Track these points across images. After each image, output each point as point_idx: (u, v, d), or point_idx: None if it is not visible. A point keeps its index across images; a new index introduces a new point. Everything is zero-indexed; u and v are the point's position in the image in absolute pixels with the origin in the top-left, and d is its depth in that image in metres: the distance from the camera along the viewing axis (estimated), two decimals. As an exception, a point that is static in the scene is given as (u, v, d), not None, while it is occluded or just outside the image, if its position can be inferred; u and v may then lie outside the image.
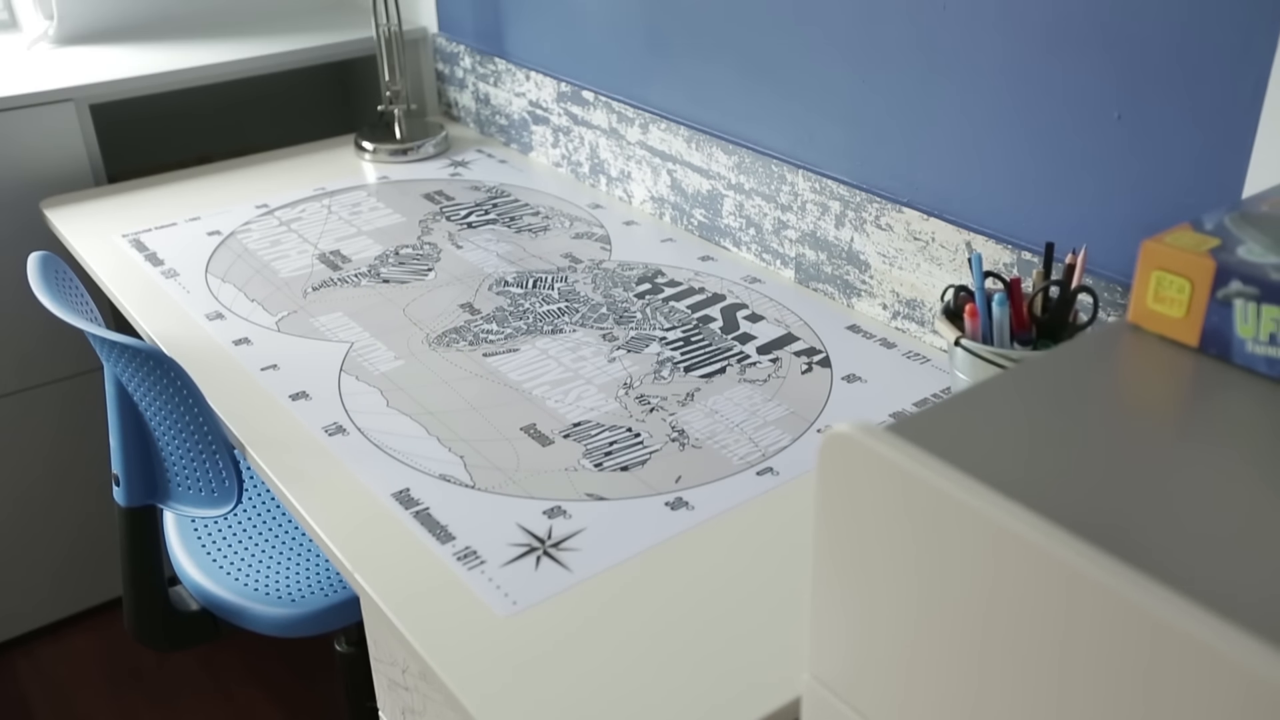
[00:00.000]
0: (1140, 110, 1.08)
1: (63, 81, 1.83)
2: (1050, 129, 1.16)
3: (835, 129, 1.40)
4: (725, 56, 1.52)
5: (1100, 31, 1.09)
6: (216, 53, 2.02)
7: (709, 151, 1.58)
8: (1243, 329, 0.67)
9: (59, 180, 1.84)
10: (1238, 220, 0.74)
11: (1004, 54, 1.18)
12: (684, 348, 1.35)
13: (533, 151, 1.96)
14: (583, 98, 1.79)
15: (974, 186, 1.26)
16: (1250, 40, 0.97)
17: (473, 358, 1.34)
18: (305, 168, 1.94)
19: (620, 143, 1.75)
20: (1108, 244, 1.14)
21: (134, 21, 2.16)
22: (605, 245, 1.63)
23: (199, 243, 1.65)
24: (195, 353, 1.35)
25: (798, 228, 1.48)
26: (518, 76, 1.93)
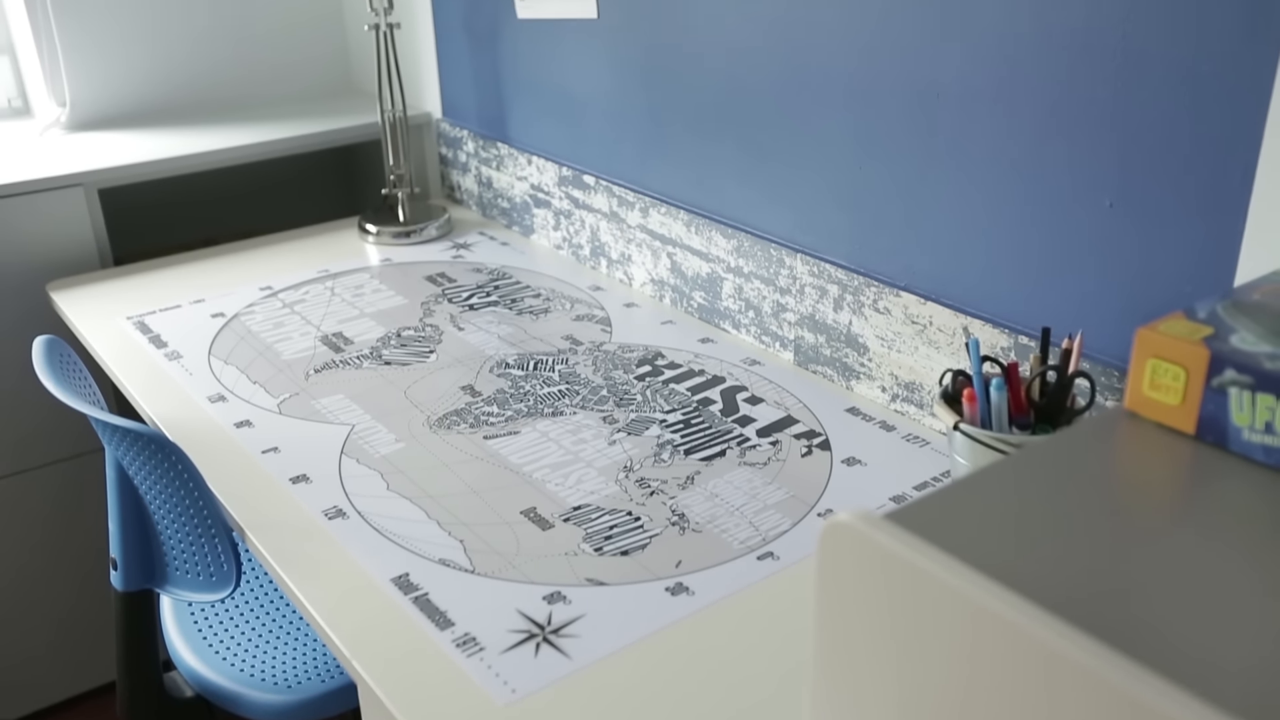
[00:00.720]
0: (1133, 198, 1.09)
1: (73, 167, 1.86)
2: (1045, 215, 1.18)
3: (833, 214, 1.42)
4: (724, 142, 1.55)
5: (1091, 122, 1.11)
6: (224, 138, 2.05)
7: (708, 235, 1.60)
8: (1238, 417, 0.68)
9: (66, 263, 1.86)
10: (1230, 308, 0.75)
11: (998, 142, 1.20)
12: (684, 430, 1.35)
13: (534, 234, 1.99)
14: (584, 182, 1.82)
15: (971, 271, 1.27)
16: (1236, 132, 1.00)
17: (473, 440, 1.34)
18: (309, 250, 1.96)
19: (621, 226, 1.77)
20: (1104, 328, 1.15)
21: (145, 107, 2.20)
22: (606, 327, 1.64)
23: (203, 325, 1.66)
24: (197, 435, 1.36)
25: (796, 310, 1.49)
26: (520, 161, 1.96)
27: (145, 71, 2.19)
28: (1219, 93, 1.00)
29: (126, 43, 2.16)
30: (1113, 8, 1.06)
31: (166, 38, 2.20)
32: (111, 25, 2.13)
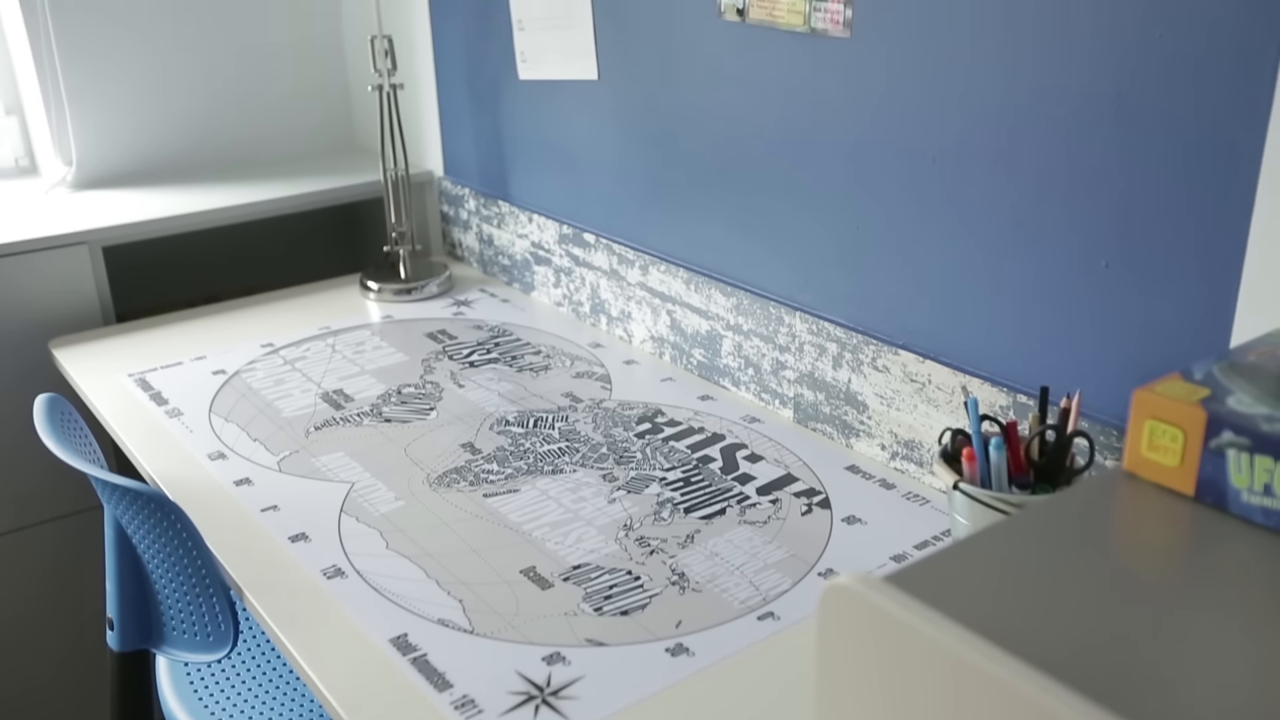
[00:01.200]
0: (1129, 260, 1.11)
1: (77, 225, 1.88)
2: (1042, 275, 1.19)
3: (832, 273, 1.43)
4: (724, 201, 1.57)
5: (1086, 185, 1.12)
6: (228, 195, 2.07)
7: (708, 293, 1.61)
8: (1237, 479, 0.68)
9: (69, 320, 1.87)
10: (1226, 370, 0.76)
11: (996, 204, 1.22)
12: (684, 488, 1.35)
13: (535, 291, 2.00)
14: (584, 240, 1.84)
15: (968, 330, 1.28)
16: (1228, 197, 1.01)
17: (473, 498, 1.34)
18: (311, 307, 1.97)
19: (621, 284, 1.78)
20: (1102, 387, 1.16)
21: (150, 165, 2.23)
22: (606, 384, 1.65)
23: (204, 382, 1.67)
24: (196, 493, 1.36)
25: (796, 368, 1.50)
26: (520, 219, 1.98)
27: (151, 130, 2.22)
28: (1211, 159, 1.02)
29: (133, 101, 2.18)
30: (1107, 77, 1.08)
31: (173, 96, 2.23)
32: (119, 84, 2.16)
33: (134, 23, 2.15)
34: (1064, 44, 1.11)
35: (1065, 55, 1.11)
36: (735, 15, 1.46)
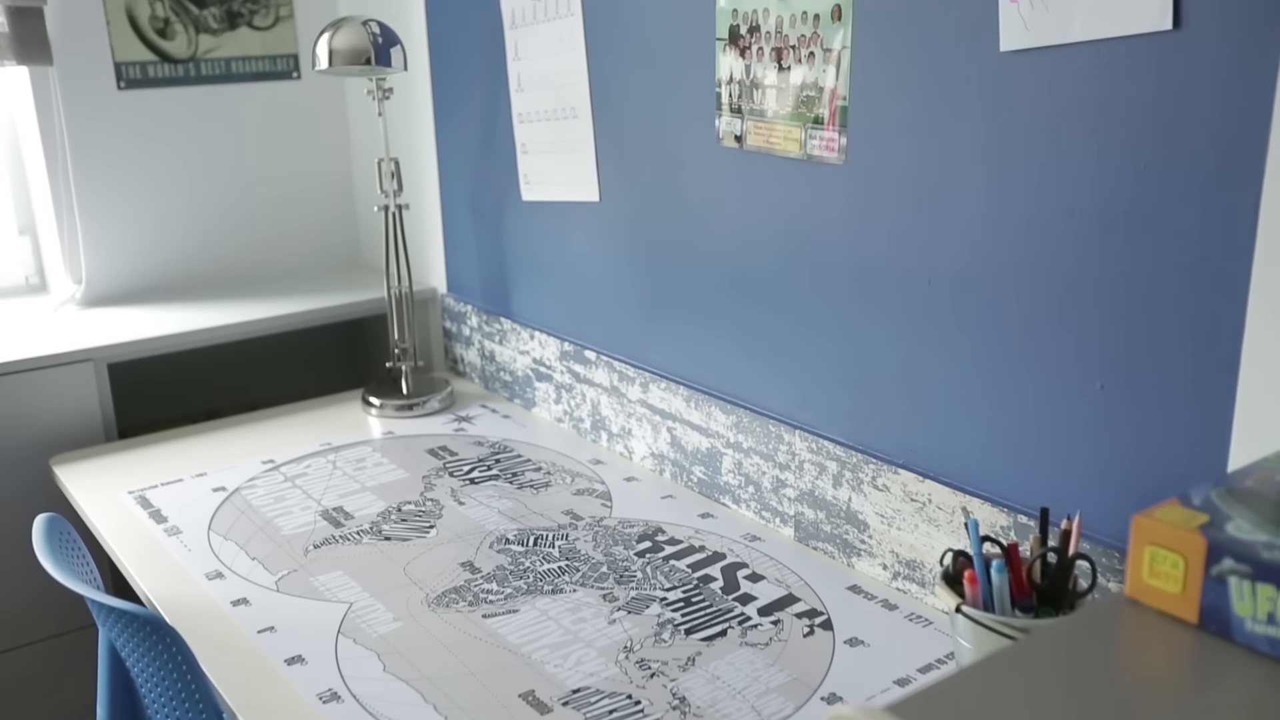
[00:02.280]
0: (1123, 381, 1.12)
1: (84, 343, 1.90)
2: (1038, 396, 1.20)
3: (830, 391, 1.45)
4: (723, 320, 1.59)
5: (1079, 308, 1.14)
6: (234, 312, 2.10)
7: (708, 411, 1.62)
8: (1240, 607, 0.68)
9: (71, 436, 1.87)
10: (1224, 495, 0.76)
11: (988, 325, 1.24)
12: (685, 609, 1.34)
13: (536, 407, 2.01)
14: (585, 357, 1.86)
15: (967, 449, 1.29)
16: (1219, 321, 1.03)
17: (472, 619, 1.33)
18: (312, 423, 1.98)
19: (621, 400, 1.79)
20: (1102, 507, 1.16)
21: (159, 282, 2.26)
22: (606, 502, 1.65)
23: (204, 499, 1.66)
24: (192, 614, 1.34)
25: (796, 486, 1.50)
26: (522, 335, 2.01)
27: (161, 247, 2.26)
28: (1199, 285, 1.04)
29: (144, 220, 2.23)
30: (1095, 205, 1.11)
31: (183, 215, 2.27)
32: (130, 203, 2.21)
33: (146, 145, 2.21)
34: (1053, 171, 1.14)
35: (1055, 182, 1.14)
36: (733, 142, 1.50)
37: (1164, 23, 1.00)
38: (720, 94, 1.50)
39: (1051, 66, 1.11)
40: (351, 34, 1.85)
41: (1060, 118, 1.12)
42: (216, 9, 2.23)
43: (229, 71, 2.26)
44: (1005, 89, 1.16)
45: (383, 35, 1.87)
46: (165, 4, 2.17)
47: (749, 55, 1.45)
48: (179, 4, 2.19)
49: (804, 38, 1.37)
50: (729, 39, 1.47)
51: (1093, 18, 1.06)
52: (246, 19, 2.26)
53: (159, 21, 2.17)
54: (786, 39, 1.39)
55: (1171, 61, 1.02)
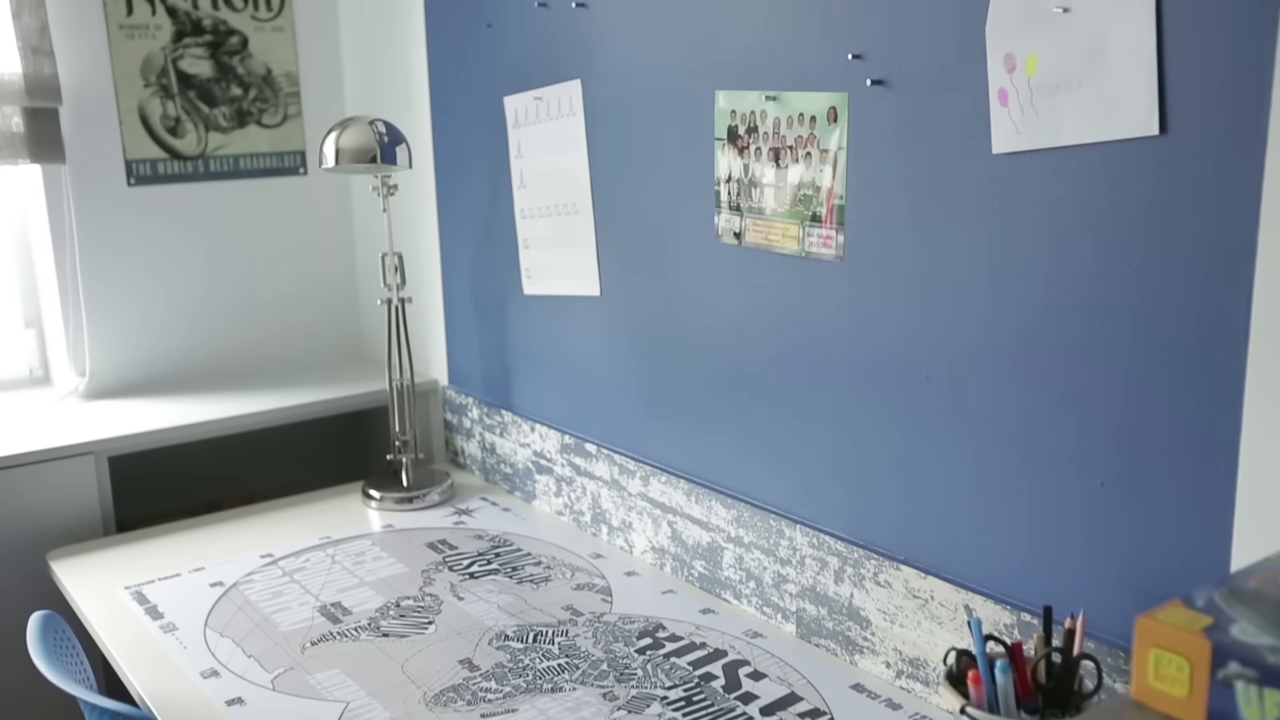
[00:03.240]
0: (1123, 479, 1.12)
1: (85, 436, 1.90)
2: (1039, 493, 1.20)
3: (831, 486, 1.45)
4: (723, 413, 1.60)
5: (1076, 406, 1.15)
6: (236, 404, 2.11)
7: (708, 505, 1.62)
8: (1248, 712, 0.67)
9: (69, 531, 1.87)
10: (1227, 597, 0.76)
11: (987, 421, 1.24)
12: (686, 708, 1.32)
13: (536, 500, 2.01)
14: (586, 450, 1.86)
15: (969, 545, 1.28)
16: (1215, 420, 1.03)
17: (470, 719, 1.31)
18: (312, 516, 1.97)
19: (622, 494, 1.79)
20: (1105, 605, 1.15)
21: (163, 374, 2.27)
22: (606, 597, 1.63)
23: (201, 594, 1.65)
24: (186, 714, 1.32)
25: (798, 582, 1.49)
26: (523, 428, 2.01)
27: (165, 340, 2.28)
28: (1198, 382, 1.05)
29: (149, 313, 2.25)
30: (1091, 302, 1.12)
31: (187, 309, 2.30)
32: (136, 297, 2.23)
33: (154, 240, 2.24)
34: (1049, 269, 1.16)
35: (1051, 280, 1.16)
36: (733, 238, 1.53)
37: (1150, 128, 1.03)
38: (719, 192, 1.53)
39: (1044, 168, 1.14)
40: (358, 133, 1.89)
41: (1055, 217, 1.14)
42: (227, 108, 2.28)
43: (237, 168, 2.31)
44: (1000, 189, 1.19)
45: (389, 134, 1.91)
46: (177, 103, 2.22)
47: (747, 154, 1.48)
48: (191, 103, 2.24)
49: (801, 138, 1.40)
50: (728, 138, 1.51)
51: (1081, 123, 1.08)
52: (256, 117, 2.31)
53: (170, 120, 2.22)
54: (784, 139, 1.42)
55: (1160, 164, 1.04)
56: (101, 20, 2.12)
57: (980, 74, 1.17)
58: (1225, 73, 0.99)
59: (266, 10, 2.29)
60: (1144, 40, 1.02)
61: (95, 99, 2.13)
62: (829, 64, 1.35)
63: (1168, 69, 1.02)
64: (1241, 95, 0.98)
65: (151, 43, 2.18)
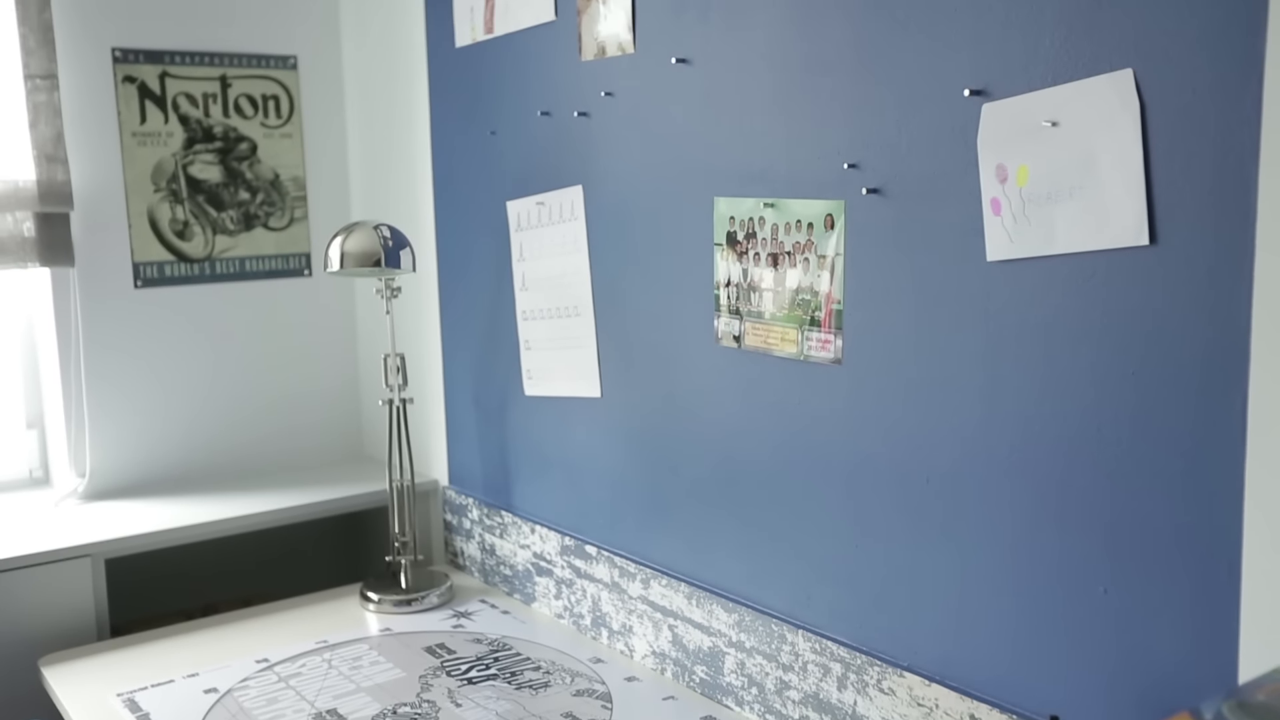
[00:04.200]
0: (1126, 586, 1.11)
1: (83, 538, 1.90)
2: (1041, 598, 1.19)
3: (833, 590, 1.43)
4: (724, 516, 1.59)
5: (1077, 511, 1.15)
6: (235, 505, 2.10)
7: (709, 609, 1.60)
8: (1258, 831, 0.66)
9: (63, 635, 1.84)
10: (1235, 709, 0.75)
11: (989, 525, 1.24)
12: (688, 822, 1.29)
13: (535, 602, 1.99)
14: (586, 552, 1.85)
15: (973, 652, 1.27)
16: (1216, 528, 1.03)
17: (467, 834, 1.28)
18: (309, 619, 1.95)
19: (622, 597, 1.77)
20: (1113, 714, 1.13)
21: (163, 474, 2.27)
22: (606, 703, 1.61)
23: (194, 702, 1.62)
24: (176, 828, 1.29)
25: (800, 689, 1.47)
26: (523, 530, 2.00)
27: (166, 441, 2.28)
28: (1197, 488, 1.05)
29: (151, 414, 2.26)
30: (1091, 407, 1.13)
31: (190, 408, 2.30)
32: (139, 398, 2.24)
33: (158, 341, 2.26)
34: (1046, 375, 1.17)
35: (1048, 386, 1.17)
36: (732, 341, 1.54)
37: (1141, 238, 1.05)
38: (719, 295, 1.55)
39: (1038, 276, 1.16)
40: (363, 238, 1.92)
41: (1050, 324, 1.15)
42: (234, 212, 2.32)
43: (243, 270, 2.34)
44: (996, 296, 1.20)
45: (393, 238, 1.94)
46: (186, 207, 2.26)
47: (746, 259, 1.51)
48: (199, 207, 2.28)
49: (799, 244, 1.43)
50: (727, 243, 1.53)
51: (1074, 232, 1.11)
52: (263, 220, 2.35)
53: (179, 224, 2.26)
54: (782, 245, 1.45)
55: (1152, 272, 1.06)
56: (115, 128, 2.17)
57: (973, 183, 1.20)
58: (1212, 184, 1.01)
59: (276, 118, 2.35)
60: (1131, 153, 1.05)
61: (106, 203, 2.17)
62: (825, 172, 1.38)
63: (1155, 180, 1.04)
64: (1228, 206, 1.00)
65: (163, 149, 2.23)
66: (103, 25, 2.14)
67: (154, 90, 2.21)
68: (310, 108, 2.39)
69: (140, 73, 2.19)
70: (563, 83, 1.79)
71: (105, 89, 2.16)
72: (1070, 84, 1.09)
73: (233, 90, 2.30)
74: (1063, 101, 1.10)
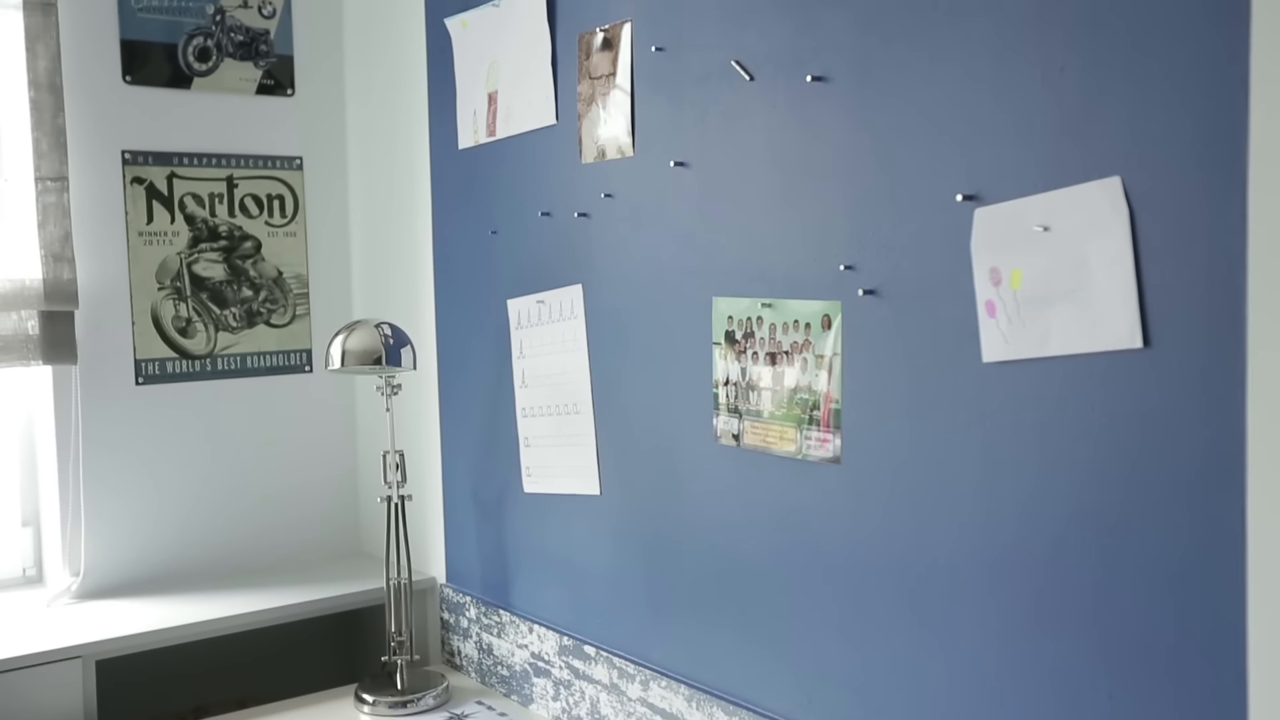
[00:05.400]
0: (1133, 690, 1.10)
1: (74, 639, 1.87)
2: (1047, 703, 1.18)
3: (833, 692, 1.41)
4: (724, 616, 1.58)
5: (1080, 612, 1.14)
6: (230, 604, 2.08)
7: (710, 711, 1.58)
8: None
9: (50, 739, 1.81)
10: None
11: (991, 627, 1.23)
12: None
13: (533, 704, 1.95)
14: (584, 652, 1.82)
15: (979, 757, 1.25)
16: (1221, 629, 1.02)
17: None
18: (302, 722, 1.92)
19: (621, 699, 1.74)
20: (1124, 824, 1.11)
21: (157, 573, 2.25)
22: (605, 811, 1.57)
23: (183, 809, 1.59)
24: None
25: (804, 795, 1.44)
26: (521, 628, 1.98)
27: (162, 539, 2.26)
28: (1200, 591, 1.04)
29: (148, 512, 2.25)
30: (1091, 509, 1.13)
31: (188, 505, 2.29)
32: (136, 496, 2.23)
33: (158, 438, 2.26)
34: (1044, 477, 1.17)
35: (1047, 487, 1.17)
36: (731, 440, 1.55)
37: (1134, 342, 1.06)
38: (717, 394, 1.56)
39: (1034, 377, 1.17)
40: (365, 336, 1.94)
41: (1047, 425, 1.16)
42: (237, 309, 2.34)
43: (244, 366, 2.35)
44: (992, 397, 1.21)
45: (394, 337, 1.96)
46: (189, 305, 2.29)
47: (744, 358, 1.52)
48: (203, 304, 2.30)
49: (796, 344, 1.44)
50: (725, 342, 1.55)
51: (1068, 335, 1.12)
52: (265, 317, 2.38)
53: (181, 321, 2.28)
54: (780, 344, 1.46)
55: (1147, 376, 1.07)
56: (123, 228, 2.21)
57: (968, 285, 1.22)
58: (1203, 288, 1.03)
59: (281, 216, 2.39)
60: (1122, 258, 1.07)
61: (111, 301, 2.19)
62: (822, 273, 1.40)
63: (1147, 284, 1.06)
64: (1220, 309, 1.02)
65: (169, 248, 2.26)
66: (114, 129, 2.19)
67: (162, 191, 2.25)
68: (314, 207, 2.43)
69: (149, 174, 2.23)
70: (563, 184, 1.83)
71: (114, 190, 2.19)
72: (1061, 190, 1.12)
73: (239, 190, 2.34)
74: (1054, 207, 1.12)
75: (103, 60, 2.17)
